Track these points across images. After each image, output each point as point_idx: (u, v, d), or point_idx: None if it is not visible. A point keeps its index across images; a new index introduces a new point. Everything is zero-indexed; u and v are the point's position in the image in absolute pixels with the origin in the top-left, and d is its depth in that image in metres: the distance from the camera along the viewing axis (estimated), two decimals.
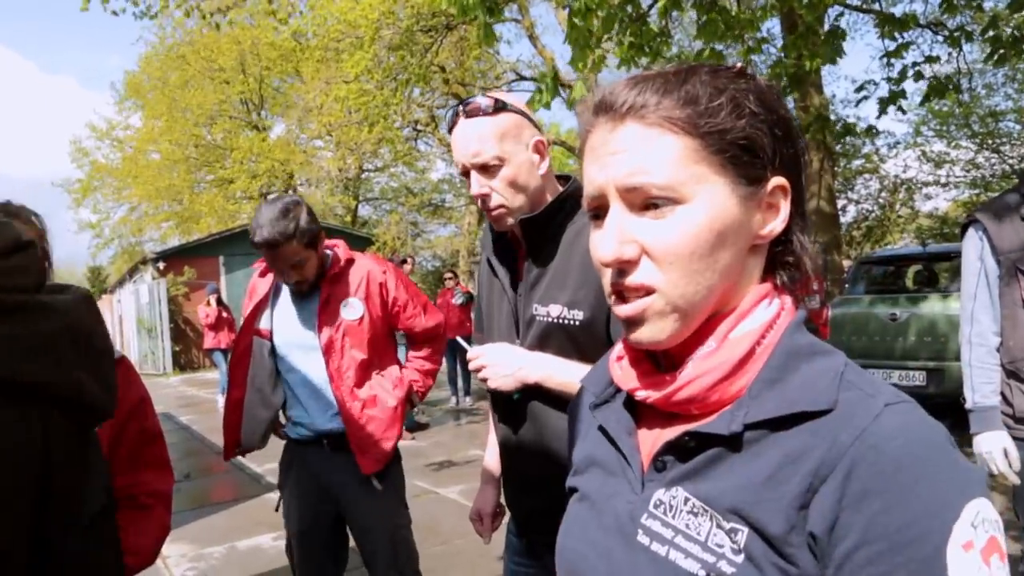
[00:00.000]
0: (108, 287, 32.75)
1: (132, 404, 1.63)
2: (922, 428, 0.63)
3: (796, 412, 0.66)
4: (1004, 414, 2.28)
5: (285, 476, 2.65)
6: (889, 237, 22.68)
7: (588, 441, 0.88)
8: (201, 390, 14.15)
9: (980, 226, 2.33)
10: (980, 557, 0.58)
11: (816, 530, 0.62)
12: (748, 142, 0.69)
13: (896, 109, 5.52)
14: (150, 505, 1.64)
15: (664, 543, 0.70)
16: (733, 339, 0.72)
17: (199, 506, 5.72)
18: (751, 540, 0.65)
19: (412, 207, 30.19)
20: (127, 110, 27.45)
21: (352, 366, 2.49)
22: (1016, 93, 18.91)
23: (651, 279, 0.69)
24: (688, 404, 0.73)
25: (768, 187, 0.71)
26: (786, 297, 0.75)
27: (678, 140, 0.68)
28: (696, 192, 0.68)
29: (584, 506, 0.83)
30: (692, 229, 0.68)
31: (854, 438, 0.62)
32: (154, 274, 18.79)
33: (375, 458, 2.49)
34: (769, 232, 0.73)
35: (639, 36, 4.96)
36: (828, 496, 0.62)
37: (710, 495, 0.68)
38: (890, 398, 0.65)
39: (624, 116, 0.70)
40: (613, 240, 0.69)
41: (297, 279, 2.42)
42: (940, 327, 6.41)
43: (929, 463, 0.60)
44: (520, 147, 1.55)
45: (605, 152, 0.71)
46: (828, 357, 0.71)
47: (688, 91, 0.69)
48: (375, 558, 2.55)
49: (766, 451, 0.67)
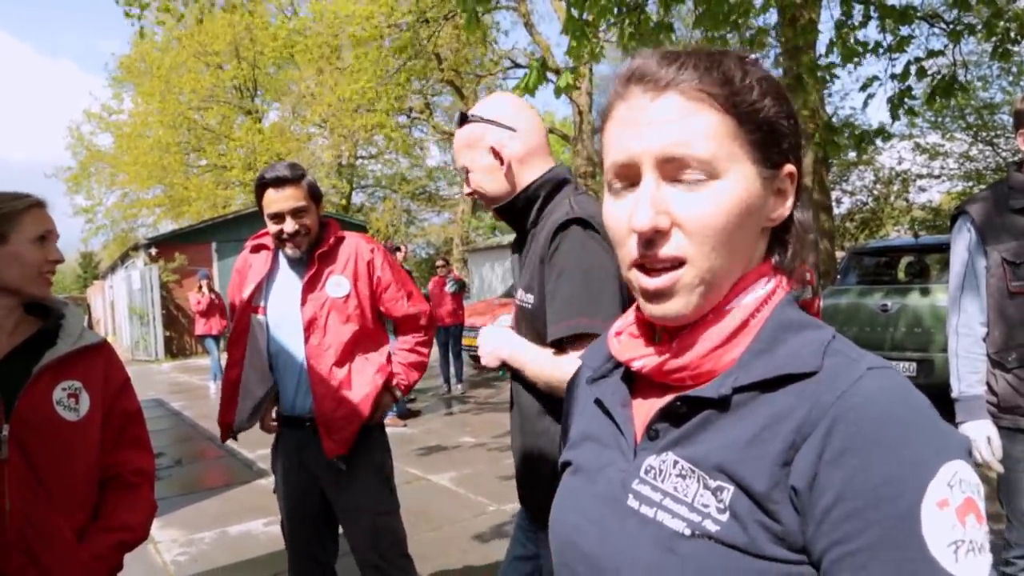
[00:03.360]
0: (100, 273, 32.65)
1: (117, 386, 1.69)
2: (902, 391, 0.65)
3: (782, 375, 0.68)
4: (989, 403, 2.30)
5: (275, 459, 2.67)
6: (883, 229, 22.74)
7: (583, 416, 0.90)
8: (193, 376, 14.13)
9: (969, 218, 2.35)
10: (955, 515, 0.59)
11: (798, 485, 0.64)
12: (774, 125, 0.72)
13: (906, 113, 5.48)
14: (137, 483, 1.68)
15: (652, 505, 0.72)
16: (728, 311, 0.74)
17: (190, 491, 5.72)
18: (736, 498, 0.66)
19: (406, 194, 30.15)
20: (120, 93, 27.30)
21: (334, 344, 2.48)
22: (1011, 86, 18.95)
23: (683, 251, 0.70)
24: (682, 372, 0.74)
25: (783, 172, 0.74)
26: (782, 277, 0.78)
27: (718, 116, 0.70)
28: (730, 169, 0.70)
29: (577, 478, 0.84)
30: (725, 205, 0.69)
31: (836, 397, 0.64)
32: (146, 260, 18.70)
33: (340, 440, 2.47)
34: (778, 216, 0.76)
35: (638, 26, 4.94)
36: (809, 453, 0.63)
37: (697, 456, 0.70)
38: (873, 363, 0.67)
39: (666, 87, 0.71)
40: (649, 208, 0.70)
41: (296, 229, 2.41)
42: (931, 318, 6.44)
43: (907, 424, 0.62)
44: (479, 154, 1.72)
45: (643, 121, 0.71)
46: (817, 330, 0.73)
47: (724, 71, 0.71)
48: (356, 542, 2.56)
49: (753, 413, 0.69)
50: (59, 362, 1.55)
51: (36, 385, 1.51)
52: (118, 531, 1.60)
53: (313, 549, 2.62)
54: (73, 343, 1.59)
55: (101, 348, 1.66)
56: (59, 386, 1.54)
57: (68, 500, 1.54)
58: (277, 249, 2.56)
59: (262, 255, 2.60)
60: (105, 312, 25.26)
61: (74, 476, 1.56)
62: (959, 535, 0.59)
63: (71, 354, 1.58)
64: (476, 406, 9.12)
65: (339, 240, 2.56)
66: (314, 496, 2.58)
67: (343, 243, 2.57)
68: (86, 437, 1.58)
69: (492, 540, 4.28)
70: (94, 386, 1.61)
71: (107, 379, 1.65)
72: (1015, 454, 2.26)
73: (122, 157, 25.97)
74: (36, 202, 1.59)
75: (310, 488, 2.57)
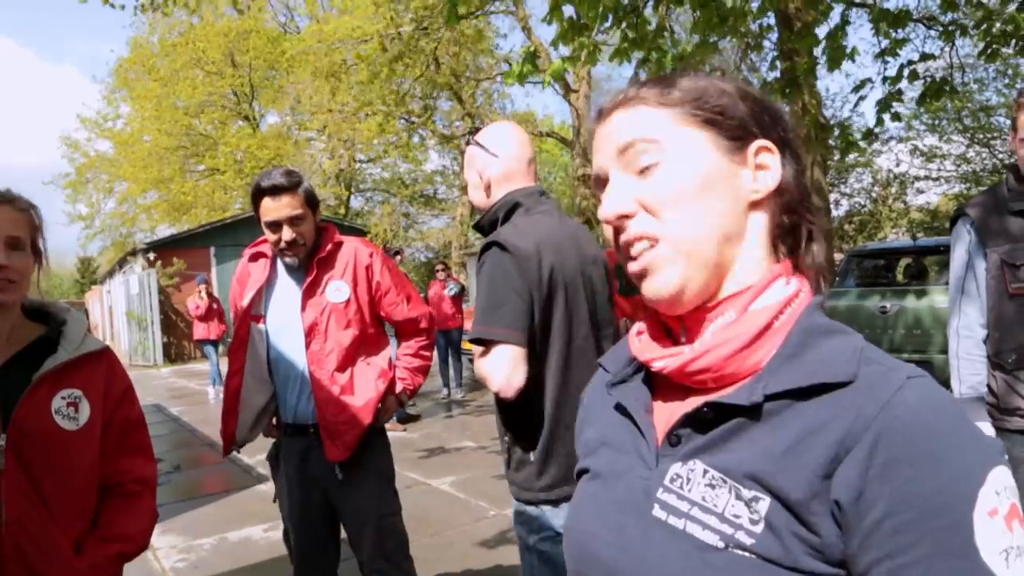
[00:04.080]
0: (98, 278, 32.59)
1: (119, 393, 1.66)
2: (943, 400, 0.64)
3: (817, 383, 0.67)
4: (990, 404, 2.30)
5: (275, 467, 2.65)
6: (882, 231, 22.76)
7: (600, 422, 0.88)
8: (191, 381, 14.11)
9: (968, 220, 2.36)
10: (1004, 523, 0.60)
11: (842, 499, 0.62)
12: (723, 108, 0.76)
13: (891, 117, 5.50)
14: (138, 492, 1.66)
15: (680, 516, 0.70)
16: (753, 311, 0.73)
17: (189, 497, 5.70)
18: (773, 509, 0.65)
19: (404, 198, 30.12)
20: (117, 100, 27.30)
21: (335, 349, 2.47)
22: (1007, 88, 18.99)
23: (650, 226, 0.74)
24: (704, 374, 0.73)
25: (753, 147, 0.77)
26: (803, 280, 0.77)
27: (658, 110, 0.77)
28: (678, 145, 0.75)
29: (595, 484, 0.82)
30: (677, 175, 0.74)
31: (879, 409, 0.63)
32: (144, 265, 18.69)
33: (342, 445, 2.46)
34: (764, 188, 0.76)
35: (635, 29, 4.94)
36: (854, 466, 0.62)
37: (729, 465, 0.69)
38: (911, 372, 0.66)
39: (611, 111, 0.80)
40: (611, 199, 0.77)
41: (293, 237, 2.40)
42: (929, 320, 6.44)
43: (953, 433, 0.62)
44: (471, 173, 2.03)
45: (601, 139, 0.81)
46: (846, 335, 0.72)
47: (670, 84, 0.78)
48: (361, 545, 2.55)
49: (787, 422, 0.67)
50: (59, 370, 1.53)
51: (35, 394, 1.49)
52: (117, 541, 1.58)
53: (320, 557, 2.61)
54: (74, 350, 1.56)
55: (103, 355, 1.64)
56: (58, 395, 1.52)
57: (66, 510, 1.52)
58: (275, 257, 2.55)
59: (260, 263, 2.59)
60: (103, 317, 25.22)
61: (72, 486, 1.54)
62: (1008, 542, 0.59)
63: (72, 362, 1.55)
64: (476, 410, 9.11)
65: (337, 245, 2.55)
66: (321, 504, 2.56)
67: (341, 248, 2.55)
68: (85, 446, 1.55)
69: (492, 545, 4.27)
70: (95, 394, 1.58)
71: (108, 387, 1.63)
72: (1017, 456, 2.25)
73: (120, 162, 25.96)
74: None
75: (317, 496, 2.55)
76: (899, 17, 5.35)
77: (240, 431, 2.55)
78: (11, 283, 1.50)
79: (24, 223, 1.54)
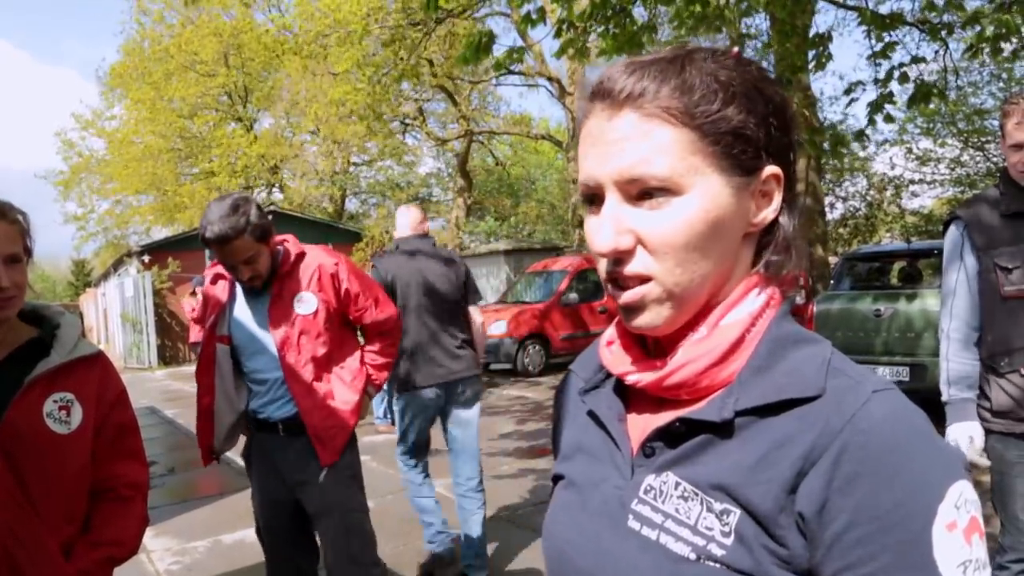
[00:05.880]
0: (92, 281, 32.49)
1: (113, 398, 1.65)
2: (908, 414, 0.65)
3: (785, 399, 0.68)
4: (982, 407, 2.31)
5: (248, 466, 2.69)
6: (876, 234, 22.82)
7: (575, 427, 0.88)
8: (186, 384, 14.05)
9: (961, 223, 2.36)
10: (963, 536, 0.61)
11: (805, 511, 0.63)
12: (741, 131, 0.70)
13: (883, 118, 5.52)
14: (130, 497, 1.65)
15: (654, 527, 0.70)
16: (724, 326, 0.73)
17: (183, 500, 5.69)
18: (742, 521, 0.66)
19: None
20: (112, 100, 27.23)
21: (309, 361, 2.50)
22: (1001, 92, 19.06)
23: (647, 268, 0.70)
24: (678, 389, 0.74)
25: (762, 176, 0.72)
26: (774, 288, 0.77)
27: (675, 132, 0.68)
28: (692, 184, 0.68)
29: (571, 492, 0.83)
30: (687, 220, 0.68)
31: (844, 423, 0.64)
32: (139, 267, 18.64)
33: (333, 449, 2.52)
34: (762, 220, 0.74)
35: (623, 28, 4.97)
36: (818, 479, 0.63)
37: (700, 478, 0.70)
38: (877, 385, 0.67)
39: (622, 104, 0.70)
40: (610, 231, 0.70)
41: (251, 275, 2.43)
42: (923, 323, 6.46)
43: (915, 447, 0.63)
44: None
45: (602, 141, 0.71)
46: (814, 345, 0.72)
47: (685, 79, 0.69)
48: (328, 544, 2.57)
49: (756, 436, 0.68)
50: (52, 373, 1.52)
51: (26, 396, 1.48)
52: (107, 546, 1.57)
53: (293, 554, 2.64)
54: (67, 354, 1.56)
55: (96, 360, 1.63)
56: (50, 398, 1.51)
57: (56, 514, 1.51)
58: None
59: (220, 284, 2.62)
60: (98, 320, 25.14)
61: (63, 490, 1.53)
62: (967, 555, 0.61)
63: (64, 365, 1.54)
64: None
65: (299, 257, 2.57)
66: (289, 502, 2.60)
67: (304, 260, 2.57)
68: (77, 451, 1.54)
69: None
70: (87, 399, 1.57)
71: (102, 392, 1.61)
72: (1009, 458, 2.26)
73: (113, 163, 25.87)
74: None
75: (285, 493, 2.59)
76: (890, 20, 5.38)
77: (216, 442, 2.61)
78: (11, 299, 1.50)
79: (17, 235, 1.52)
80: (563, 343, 12.23)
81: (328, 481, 2.53)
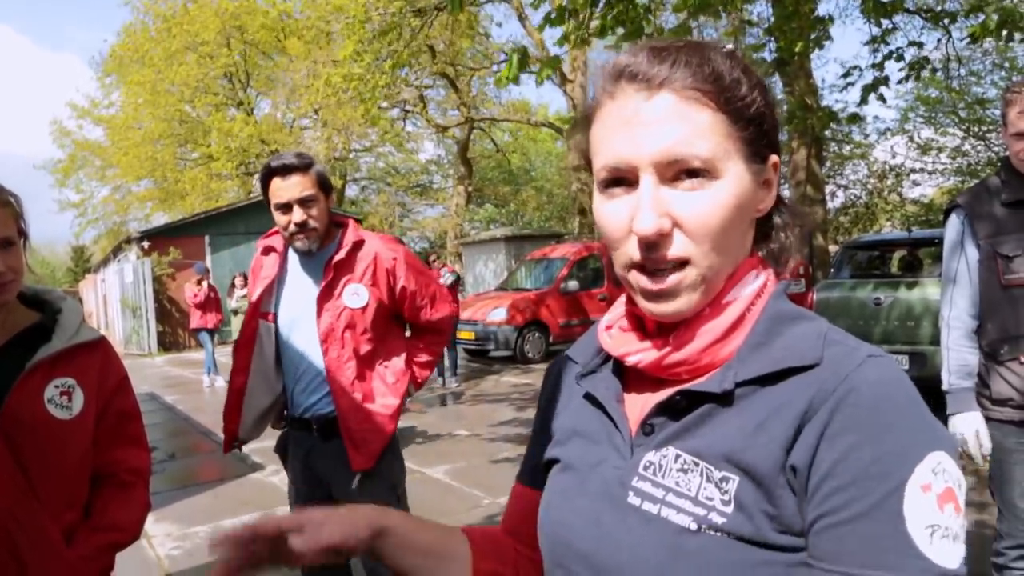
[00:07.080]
0: (92, 267, 32.49)
1: (115, 384, 1.65)
2: (900, 380, 0.67)
3: (784, 368, 0.69)
4: (982, 395, 2.31)
5: (284, 459, 2.59)
6: (877, 223, 22.81)
7: (569, 412, 0.88)
8: (186, 370, 14.09)
9: (962, 211, 2.36)
10: (936, 501, 0.62)
11: (797, 463, 0.65)
12: (762, 120, 0.73)
13: (877, 97, 5.57)
14: (132, 482, 1.65)
15: (655, 502, 0.71)
16: (724, 304, 0.74)
17: (184, 486, 5.71)
18: (742, 488, 0.67)
19: (400, 188, 30.05)
20: (109, 86, 27.13)
21: (353, 357, 2.37)
22: (1003, 81, 18.99)
23: (687, 251, 0.70)
24: (679, 367, 0.75)
25: (770, 164, 0.75)
26: (770, 269, 0.79)
27: (712, 115, 0.70)
28: (727, 168, 0.70)
29: (567, 475, 0.83)
30: (723, 204, 0.70)
31: (839, 383, 0.66)
32: (139, 253, 18.61)
33: (367, 454, 2.37)
34: (765, 207, 0.77)
35: (626, 13, 4.95)
36: (810, 434, 0.65)
37: (700, 447, 0.71)
38: (872, 351, 0.69)
39: (660, 86, 0.70)
40: (652, 213, 0.69)
41: (303, 220, 2.30)
42: (923, 311, 6.47)
43: (902, 410, 0.65)
44: None
45: (637, 122, 0.70)
46: (811, 321, 0.74)
47: (714, 65, 0.71)
48: (362, 563, 2.45)
49: (756, 404, 0.70)
50: (53, 359, 1.51)
51: (27, 382, 1.47)
52: (108, 531, 1.57)
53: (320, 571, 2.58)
54: (68, 339, 1.55)
55: (98, 345, 1.62)
56: (52, 383, 1.50)
57: (57, 499, 1.51)
58: (287, 251, 2.47)
59: (272, 257, 2.50)
60: (97, 306, 25.14)
61: (64, 475, 1.53)
62: (937, 519, 0.62)
63: (66, 351, 1.54)
64: (470, 399, 9.13)
65: (357, 244, 2.41)
66: (325, 501, 2.47)
67: (362, 248, 2.42)
68: (78, 436, 1.54)
69: None
70: (89, 384, 1.57)
71: (103, 377, 1.61)
72: (1008, 446, 2.27)
73: (113, 149, 25.79)
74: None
75: (321, 492, 2.47)
76: (889, 6, 5.38)
77: (243, 429, 2.48)
78: (7, 283, 1.49)
79: (9, 218, 1.50)
80: (562, 330, 12.26)
81: (362, 490, 2.36)
